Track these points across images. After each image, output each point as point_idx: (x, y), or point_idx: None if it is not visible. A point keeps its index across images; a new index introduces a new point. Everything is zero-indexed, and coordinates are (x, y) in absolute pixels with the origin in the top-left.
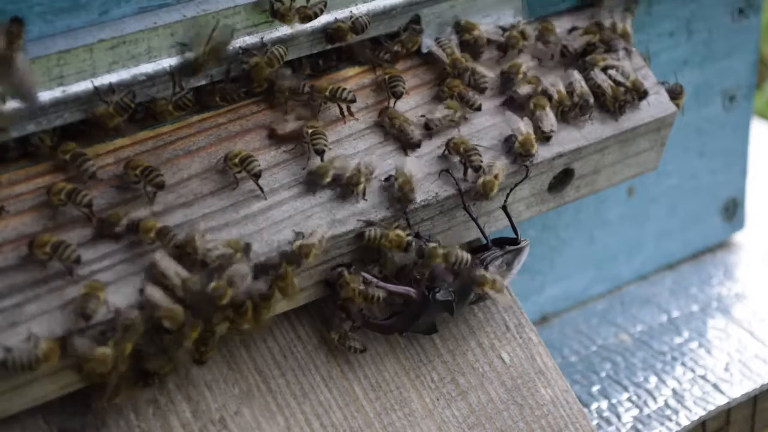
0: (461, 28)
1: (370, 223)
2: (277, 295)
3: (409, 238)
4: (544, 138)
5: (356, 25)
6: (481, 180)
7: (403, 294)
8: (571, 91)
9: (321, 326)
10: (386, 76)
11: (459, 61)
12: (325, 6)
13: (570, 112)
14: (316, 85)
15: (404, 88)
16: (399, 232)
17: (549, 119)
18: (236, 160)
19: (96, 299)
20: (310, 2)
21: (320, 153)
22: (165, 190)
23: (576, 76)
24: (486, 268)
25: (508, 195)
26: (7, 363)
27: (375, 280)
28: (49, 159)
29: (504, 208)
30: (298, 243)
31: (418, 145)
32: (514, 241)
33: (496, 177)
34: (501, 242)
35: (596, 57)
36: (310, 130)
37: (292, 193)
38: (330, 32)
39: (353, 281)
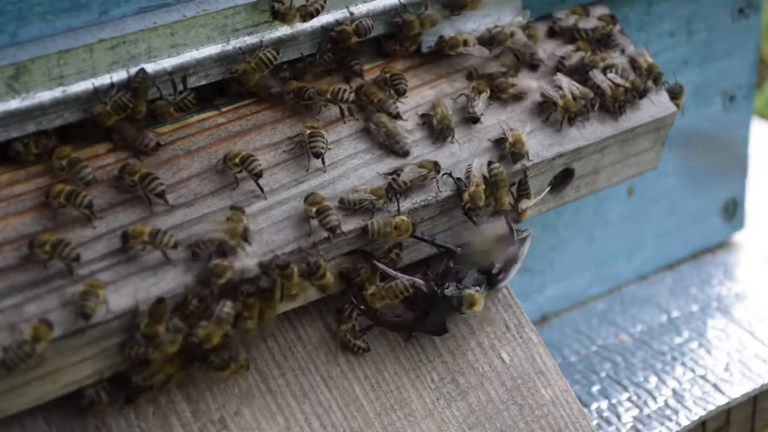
0: (446, 44)
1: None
2: (279, 295)
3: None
4: (472, 120)
5: (360, 29)
6: (467, 194)
7: (412, 285)
8: (573, 96)
9: (331, 317)
10: (387, 75)
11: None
12: (324, 3)
13: (576, 117)
14: (317, 87)
15: (407, 85)
16: (402, 218)
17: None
18: (236, 160)
19: (95, 297)
20: (309, 0)
21: (318, 156)
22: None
23: (564, 80)
24: (493, 266)
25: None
26: (6, 361)
27: (388, 269)
28: (38, 164)
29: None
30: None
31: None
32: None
33: (477, 185)
34: None
35: (596, 58)
36: (308, 131)
37: (291, 193)
38: (334, 36)
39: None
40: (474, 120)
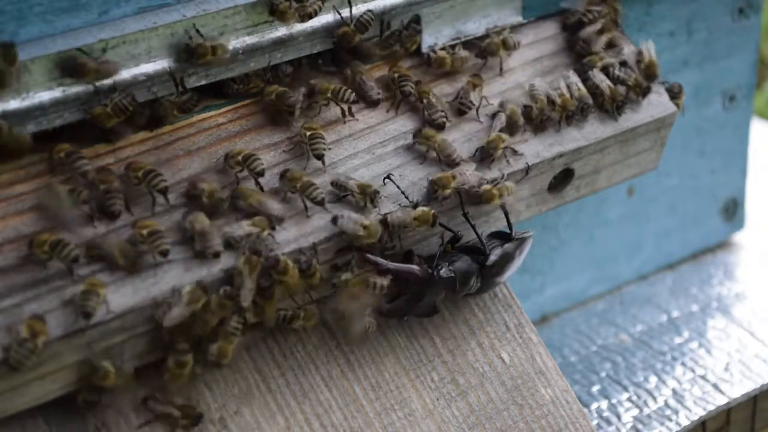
0: (433, 63)
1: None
2: (279, 292)
3: (433, 211)
4: (438, 126)
5: (359, 27)
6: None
7: (407, 273)
8: (570, 94)
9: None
10: (396, 75)
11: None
12: (323, 4)
13: (574, 116)
14: (318, 86)
15: (412, 87)
16: (424, 209)
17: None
18: (239, 158)
19: (96, 296)
20: (308, 0)
21: (320, 157)
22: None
23: (573, 78)
24: (487, 258)
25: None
26: (10, 361)
27: (380, 260)
28: (38, 164)
29: (502, 205)
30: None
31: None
32: (508, 237)
33: (499, 191)
34: (501, 236)
35: (594, 58)
36: (308, 133)
37: None
38: (336, 39)
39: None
40: (467, 107)
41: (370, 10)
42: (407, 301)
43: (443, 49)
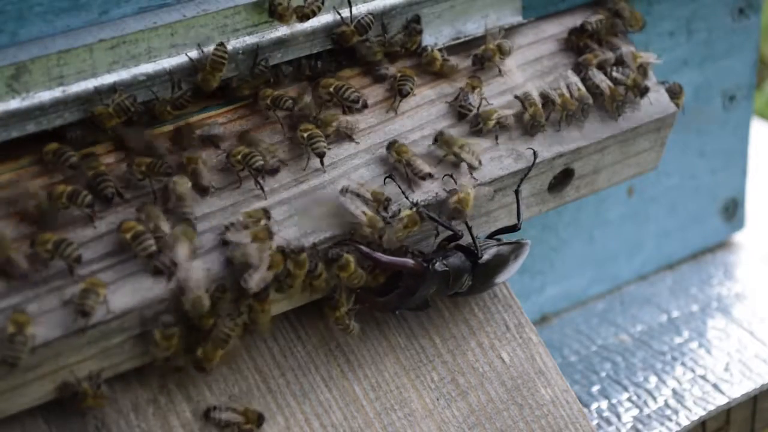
0: (425, 59)
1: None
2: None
3: (419, 209)
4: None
5: (359, 28)
6: (456, 197)
7: (401, 266)
8: (570, 94)
9: (323, 306)
10: (398, 74)
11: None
12: (322, 4)
13: (573, 116)
14: (322, 81)
15: (410, 88)
16: (406, 211)
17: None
18: (239, 157)
19: (95, 294)
20: (307, 1)
21: (321, 156)
22: None
23: (573, 78)
24: (480, 256)
25: (521, 181)
26: (6, 359)
27: (375, 253)
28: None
29: (516, 192)
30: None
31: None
32: (513, 228)
33: (468, 194)
34: (499, 232)
35: (589, 57)
36: (305, 134)
37: (291, 193)
38: (335, 38)
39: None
40: (468, 110)
41: (371, 13)
42: (400, 294)
43: (441, 50)
